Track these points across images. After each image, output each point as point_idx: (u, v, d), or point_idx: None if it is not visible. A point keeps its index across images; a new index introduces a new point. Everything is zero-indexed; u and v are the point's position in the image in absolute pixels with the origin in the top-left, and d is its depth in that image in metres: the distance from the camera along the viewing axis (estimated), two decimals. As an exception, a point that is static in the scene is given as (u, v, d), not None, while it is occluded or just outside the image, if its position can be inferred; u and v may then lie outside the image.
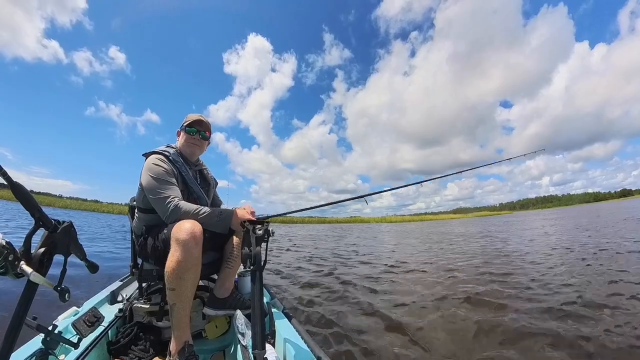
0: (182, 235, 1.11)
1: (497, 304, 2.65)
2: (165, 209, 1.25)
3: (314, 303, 2.98)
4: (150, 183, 1.31)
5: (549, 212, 58.99)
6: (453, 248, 7.58)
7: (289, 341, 1.15)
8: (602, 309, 2.37)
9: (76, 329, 1.04)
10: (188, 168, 1.50)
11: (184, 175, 1.45)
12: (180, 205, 1.25)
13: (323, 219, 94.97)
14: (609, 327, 2.05)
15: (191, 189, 1.46)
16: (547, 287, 3.09)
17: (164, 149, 1.48)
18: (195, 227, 1.14)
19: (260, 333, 0.93)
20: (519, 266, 4.38)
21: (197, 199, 1.47)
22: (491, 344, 1.96)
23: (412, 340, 2.05)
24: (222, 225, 1.25)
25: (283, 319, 1.38)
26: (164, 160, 1.39)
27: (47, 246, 0.72)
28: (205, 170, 1.68)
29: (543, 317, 2.30)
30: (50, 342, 0.85)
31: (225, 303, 1.43)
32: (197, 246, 1.13)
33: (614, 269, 3.71)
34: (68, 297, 0.75)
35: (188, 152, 1.54)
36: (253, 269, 1.00)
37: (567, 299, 2.65)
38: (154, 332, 1.41)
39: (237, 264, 1.47)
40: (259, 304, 0.96)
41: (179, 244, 1.10)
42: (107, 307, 1.59)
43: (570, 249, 5.76)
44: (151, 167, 1.34)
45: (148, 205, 1.36)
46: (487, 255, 5.74)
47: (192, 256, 1.11)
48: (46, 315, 1.06)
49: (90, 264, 0.90)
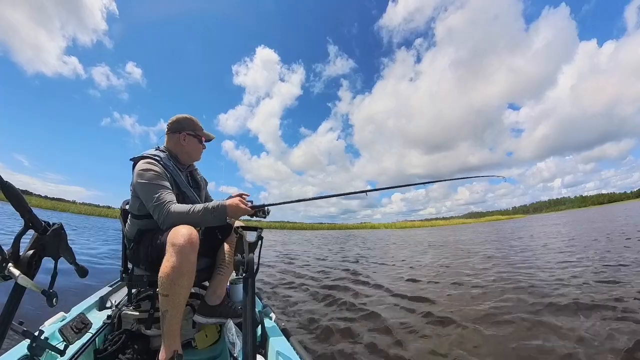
0: (179, 240, 1.14)
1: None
2: (160, 215, 1.29)
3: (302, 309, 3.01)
4: (143, 189, 1.34)
5: (562, 215, 56.95)
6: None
7: (281, 353, 1.17)
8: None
9: (63, 336, 1.06)
10: (180, 171, 1.53)
11: (176, 179, 1.48)
12: (173, 209, 1.28)
13: (333, 225, 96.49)
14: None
15: (184, 193, 1.49)
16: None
17: (154, 152, 1.50)
18: (192, 232, 1.17)
19: (251, 343, 0.95)
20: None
21: (191, 203, 1.48)
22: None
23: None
24: (219, 218, 1.31)
25: (275, 328, 1.40)
26: (155, 164, 1.41)
27: (36, 248, 0.74)
28: (196, 171, 1.71)
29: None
30: (36, 349, 0.88)
31: (216, 311, 1.45)
32: (193, 252, 1.16)
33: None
34: (56, 301, 0.77)
35: (194, 159, 1.64)
36: (245, 276, 1.03)
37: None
38: (142, 340, 1.43)
39: (229, 271, 1.49)
40: (250, 313, 0.98)
41: (175, 249, 1.13)
42: (95, 313, 1.62)
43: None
44: (142, 172, 1.37)
45: (142, 211, 1.40)
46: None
47: (188, 262, 1.14)
48: (33, 321, 1.10)
49: (80, 268, 0.92)
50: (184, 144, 1.57)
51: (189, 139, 1.58)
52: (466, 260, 6.27)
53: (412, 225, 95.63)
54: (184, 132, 1.57)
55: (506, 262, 5.59)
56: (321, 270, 5.95)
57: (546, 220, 29.05)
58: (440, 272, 5.19)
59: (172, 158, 1.55)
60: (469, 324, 2.51)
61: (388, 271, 5.67)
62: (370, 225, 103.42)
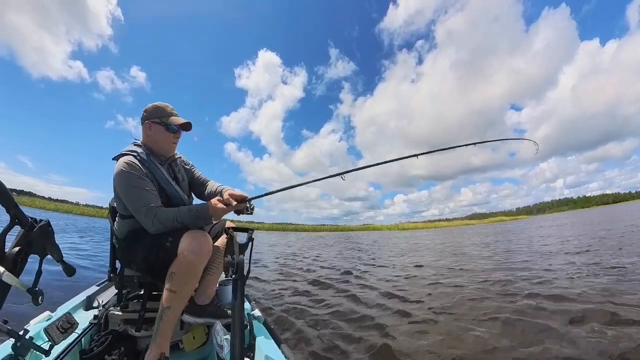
0: (200, 246, 1.25)
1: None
2: (147, 220, 1.30)
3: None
4: (124, 192, 1.32)
5: (566, 215, 56.63)
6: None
7: (269, 356, 1.18)
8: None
9: (48, 335, 1.05)
10: (159, 165, 1.47)
11: (156, 174, 1.42)
12: (160, 218, 1.29)
13: (335, 226, 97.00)
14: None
15: (164, 189, 1.44)
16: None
17: (132, 148, 1.44)
18: (209, 240, 1.30)
19: (239, 346, 0.95)
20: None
21: (171, 197, 1.45)
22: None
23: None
24: (204, 219, 1.33)
25: (264, 331, 1.41)
26: (134, 163, 1.35)
27: (22, 245, 0.73)
28: (175, 162, 1.60)
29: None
30: (20, 348, 0.88)
31: (205, 310, 1.45)
32: (208, 257, 1.30)
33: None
34: (41, 300, 0.77)
35: (166, 150, 1.50)
36: (235, 278, 1.03)
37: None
38: (129, 341, 1.44)
39: (219, 271, 1.50)
40: (239, 315, 0.98)
41: (194, 251, 1.23)
42: (81, 313, 1.61)
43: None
44: (121, 174, 1.31)
45: (128, 211, 1.37)
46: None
47: (202, 265, 1.28)
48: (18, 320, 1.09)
49: (67, 266, 0.92)
50: (151, 134, 1.47)
51: (154, 127, 1.46)
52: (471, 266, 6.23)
53: (415, 226, 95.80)
54: (148, 120, 1.46)
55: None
56: (315, 271, 5.96)
57: (551, 222, 28.75)
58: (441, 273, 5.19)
59: (148, 151, 1.47)
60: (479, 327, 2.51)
61: (383, 272, 5.68)
62: (372, 227, 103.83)
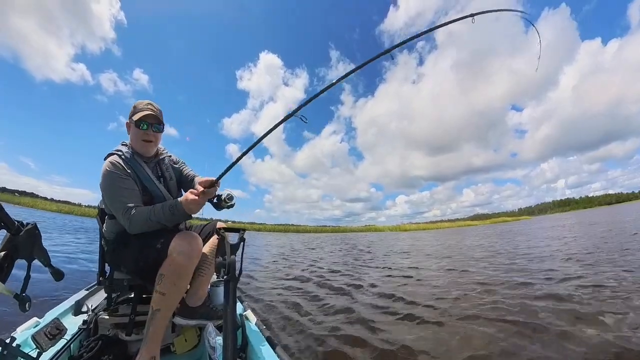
0: (189, 247, 1.25)
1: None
2: (124, 220, 1.30)
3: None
4: (105, 191, 1.35)
5: (568, 216, 57.16)
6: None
7: (262, 357, 1.18)
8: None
9: (36, 342, 1.03)
10: (145, 164, 1.49)
11: (139, 173, 1.44)
12: (135, 217, 1.28)
13: (337, 228, 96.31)
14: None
15: (146, 187, 1.45)
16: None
17: (118, 148, 1.47)
18: (198, 242, 1.31)
19: (231, 347, 0.95)
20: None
21: (154, 197, 1.46)
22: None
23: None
24: (180, 214, 1.31)
25: (257, 332, 1.41)
26: (118, 163, 1.38)
27: (8, 250, 0.72)
28: (162, 160, 1.61)
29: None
30: (7, 356, 0.86)
31: (196, 312, 1.45)
32: (197, 258, 1.30)
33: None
34: (29, 306, 0.77)
35: (142, 150, 1.51)
36: (226, 279, 1.03)
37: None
38: (119, 346, 1.43)
39: (210, 272, 1.50)
40: (231, 317, 0.98)
41: (183, 252, 1.23)
42: (70, 319, 1.59)
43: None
44: (104, 174, 1.35)
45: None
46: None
47: (192, 267, 1.27)
48: (4, 327, 1.08)
49: (55, 270, 0.91)
50: (129, 133, 1.51)
51: (131, 126, 1.48)
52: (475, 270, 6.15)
53: (417, 227, 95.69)
54: (127, 120, 1.50)
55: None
56: (312, 272, 5.96)
57: (554, 222, 28.80)
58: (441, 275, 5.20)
59: (133, 150, 1.50)
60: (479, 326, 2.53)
61: (380, 274, 5.69)
62: (374, 227, 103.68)
